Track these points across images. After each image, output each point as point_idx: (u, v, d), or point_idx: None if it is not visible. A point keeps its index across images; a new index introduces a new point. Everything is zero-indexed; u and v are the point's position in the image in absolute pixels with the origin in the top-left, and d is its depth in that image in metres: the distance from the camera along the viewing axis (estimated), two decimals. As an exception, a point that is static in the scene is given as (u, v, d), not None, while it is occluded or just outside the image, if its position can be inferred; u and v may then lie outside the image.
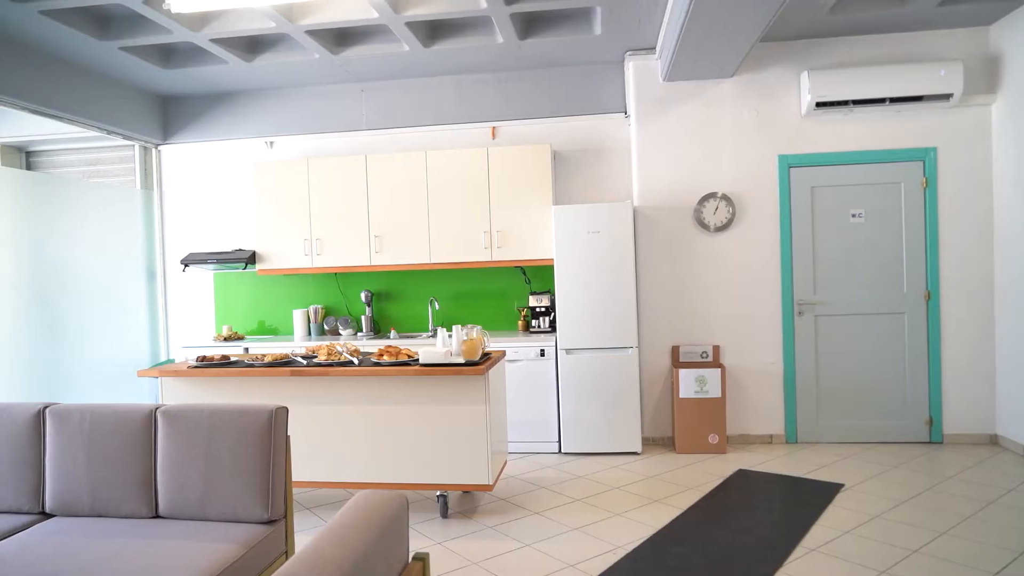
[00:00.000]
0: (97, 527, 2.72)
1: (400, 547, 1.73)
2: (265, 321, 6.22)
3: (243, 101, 6.14)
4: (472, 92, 5.83)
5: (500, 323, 5.84)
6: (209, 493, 2.77)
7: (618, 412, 5.12)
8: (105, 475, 2.85)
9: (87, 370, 5.51)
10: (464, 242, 5.48)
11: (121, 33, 4.77)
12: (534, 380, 5.21)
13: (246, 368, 3.95)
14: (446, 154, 5.51)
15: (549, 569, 3.29)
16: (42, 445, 2.96)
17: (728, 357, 5.36)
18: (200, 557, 2.39)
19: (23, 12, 4.27)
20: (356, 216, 5.61)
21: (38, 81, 4.93)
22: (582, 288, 5.13)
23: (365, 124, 5.97)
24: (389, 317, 6.01)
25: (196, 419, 2.82)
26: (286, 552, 2.84)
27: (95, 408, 2.93)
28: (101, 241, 5.72)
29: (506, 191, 5.42)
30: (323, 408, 3.98)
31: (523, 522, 3.90)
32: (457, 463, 3.87)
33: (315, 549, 1.34)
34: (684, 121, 5.35)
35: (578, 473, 4.76)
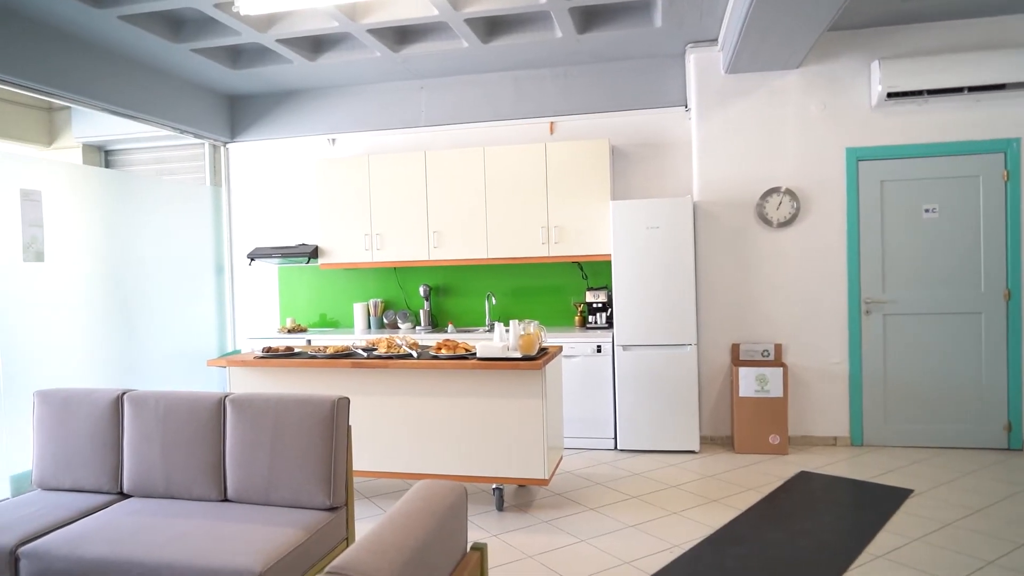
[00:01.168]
0: (171, 508, 2.85)
1: (459, 536, 1.75)
2: (327, 314, 6.37)
3: (306, 100, 6.30)
4: (530, 87, 5.83)
5: (556, 319, 5.84)
6: (274, 479, 2.86)
7: (675, 410, 5.05)
8: (178, 459, 2.98)
9: (160, 358, 5.76)
10: (521, 237, 5.49)
11: (193, 36, 4.95)
12: (590, 376, 5.19)
13: (309, 359, 4.06)
14: (504, 150, 5.53)
15: (604, 565, 3.28)
16: (120, 429, 3.11)
17: (790, 356, 5.22)
18: (266, 540, 2.48)
19: (103, 18, 4.48)
20: (415, 211, 5.69)
21: (117, 84, 5.17)
22: (640, 284, 5.08)
23: (424, 121, 6.05)
24: (446, 311, 6.08)
25: (262, 407, 2.92)
26: (347, 539, 2.91)
27: (169, 395, 3.06)
28: (173, 236, 5.97)
29: (564, 186, 5.41)
30: (382, 399, 4.06)
31: (578, 517, 3.90)
32: (513, 457, 3.90)
33: (377, 535, 1.37)
34: (746, 114, 5.23)
35: (634, 470, 4.73)
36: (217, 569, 2.31)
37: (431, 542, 1.47)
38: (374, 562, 1.26)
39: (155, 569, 2.38)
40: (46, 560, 2.51)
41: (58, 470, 3.14)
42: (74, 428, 3.14)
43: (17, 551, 2.57)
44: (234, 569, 2.30)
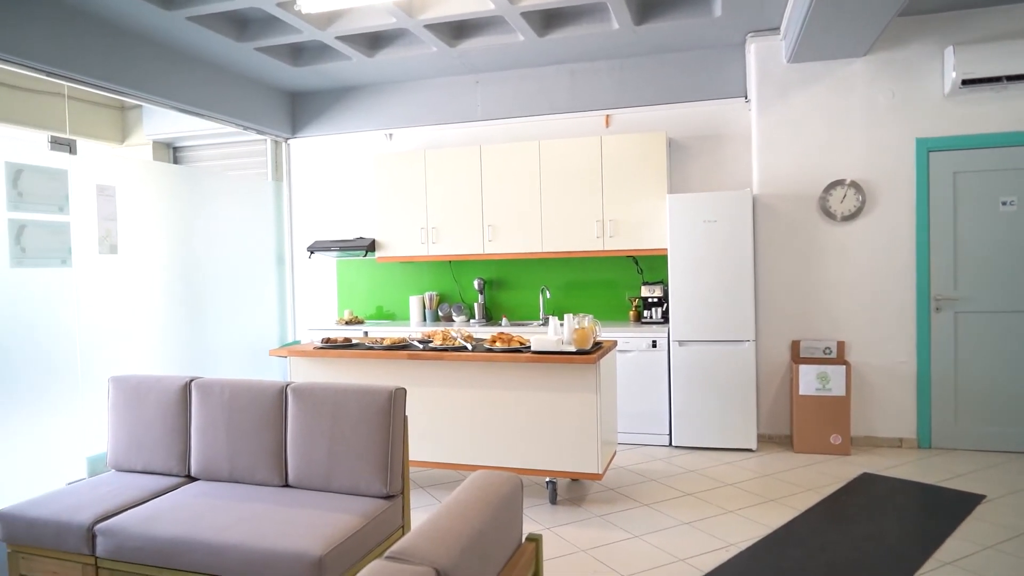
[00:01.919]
0: (235, 491, 2.95)
1: (514, 527, 1.76)
2: (383, 306, 6.48)
3: (364, 95, 6.40)
4: (586, 80, 5.79)
5: (611, 313, 5.80)
6: (333, 466, 2.93)
7: (732, 407, 4.96)
8: (241, 444, 3.08)
9: (224, 347, 5.96)
10: (576, 231, 5.47)
11: (256, 35, 5.09)
12: (645, 371, 5.14)
13: (366, 351, 4.14)
14: (559, 143, 5.51)
15: (658, 562, 3.26)
16: (188, 415, 3.24)
17: (854, 354, 5.06)
18: (326, 524, 2.54)
19: (173, 19, 4.64)
20: (470, 205, 5.72)
21: (185, 82, 5.35)
22: (697, 278, 5.00)
23: (480, 115, 6.07)
24: (500, 305, 6.11)
25: (322, 396, 2.99)
26: (402, 527, 2.96)
27: (234, 383, 3.17)
28: (237, 229, 6.16)
29: (619, 180, 5.36)
30: (437, 391, 4.11)
31: (632, 513, 3.88)
32: (567, 451, 3.89)
33: (434, 523, 1.39)
34: (809, 104, 5.07)
35: (689, 467, 4.67)
36: (279, 552, 2.38)
37: (487, 531, 1.48)
38: (432, 548, 1.28)
39: (220, 550, 2.47)
40: (120, 537, 2.63)
41: (131, 452, 3.29)
42: (145, 413, 3.28)
43: (94, 528, 2.71)
44: (296, 552, 2.36)
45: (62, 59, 4.38)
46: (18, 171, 4.18)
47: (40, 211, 4.30)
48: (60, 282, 4.43)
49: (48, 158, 4.38)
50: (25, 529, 2.81)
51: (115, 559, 2.66)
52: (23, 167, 4.21)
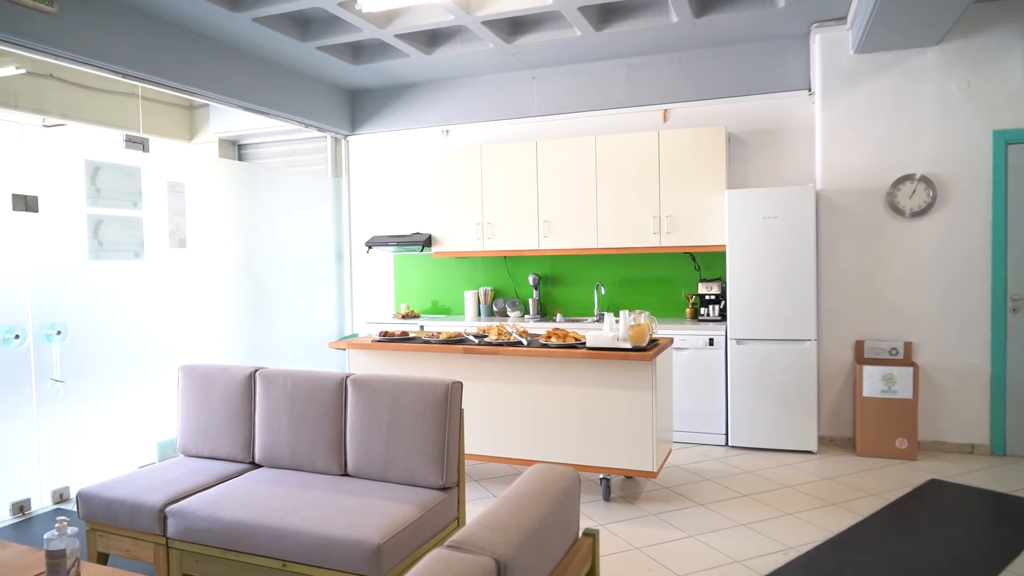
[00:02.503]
0: (296, 479, 3.04)
1: (572, 521, 1.77)
2: (438, 301, 6.56)
3: (421, 92, 6.48)
4: (643, 74, 5.73)
5: (666, 310, 5.73)
6: (390, 457, 2.99)
7: (792, 407, 4.84)
8: (303, 433, 3.17)
9: (284, 339, 6.13)
10: (632, 227, 5.42)
11: (318, 34, 5.21)
12: (701, 369, 5.06)
13: (423, 344, 4.20)
14: (615, 138, 5.47)
15: (714, 562, 3.21)
16: (252, 403, 3.34)
17: (922, 355, 4.88)
18: (384, 513, 2.59)
19: (239, 20, 4.79)
20: (526, 201, 5.74)
21: (250, 82, 5.52)
22: (756, 276, 4.90)
23: (536, 111, 6.07)
24: (555, 300, 6.11)
25: (381, 388, 3.05)
26: (457, 518, 3.00)
27: (296, 373, 3.26)
28: (298, 224, 6.32)
29: (677, 175, 5.29)
30: (492, 385, 4.14)
31: (687, 512, 3.83)
32: (621, 448, 3.87)
33: (494, 514, 1.41)
34: (877, 96, 4.90)
35: (746, 468, 4.58)
36: (339, 539, 2.45)
37: (546, 524, 1.49)
38: (492, 539, 1.29)
39: (283, 535, 2.55)
40: (190, 519, 2.74)
41: (198, 439, 3.42)
42: (212, 401, 3.40)
43: (165, 510, 2.82)
44: (355, 540, 2.42)
45: (138, 61, 4.57)
46: (96, 168, 4.38)
47: (116, 206, 4.51)
48: (133, 274, 4.63)
49: (123, 156, 4.59)
50: (102, 508, 2.95)
51: (184, 540, 2.77)
52: (101, 164, 4.41)
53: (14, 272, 3.93)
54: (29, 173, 4.01)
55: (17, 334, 3.93)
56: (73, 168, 4.25)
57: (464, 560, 1.20)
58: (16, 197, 3.95)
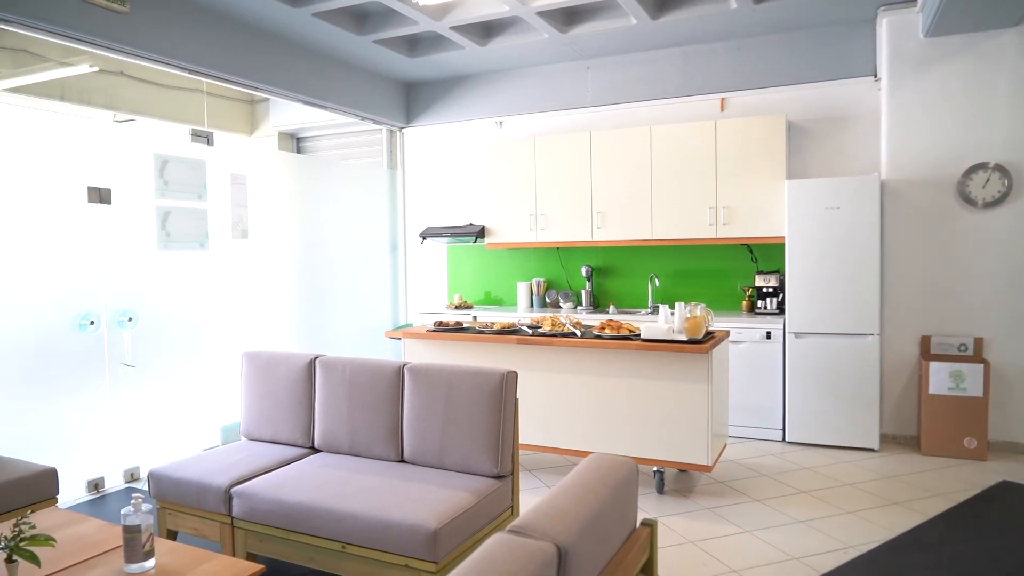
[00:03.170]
0: (354, 464, 3.11)
1: (630, 510, 1.77)
2: (491, 292, 6.60)
3: (475, 84, 6.51)
4: (699, 63, 5.63)
5: (722, 303, 5.63)
6: (446, 444, 3.03)
7: (853, 403, 4.71)
8: (361, 420, 3.24)
9: (340, 328, 6.26)
10: (687, 218, 5.34)
11: (375, 28, 5.28)
12: (758, 363, 4.97)
13: (477, 334, 4.23)
14: (671, 128, 5.39)
15: (771, 559, 3.16)
16: (312, 390, 3.43)
17: (993, 352, 4.68)
18: (440, 500, 2.64)
19: (299, 16, 4.89)
20: (579, 192, 5.71)
21: (309, 76, 5.64)
22: (816, 268, 4.77)
23: (590, 101, 6.03)
24: (608, 292, 6.07)
25: (437, 377, 3.10)
26: (511, 507, 3.03)
27: (354, 361, 3.33)
28: (354, 215, 6.44)
29: (734, 165, 5.18)
30: (545, 376, 4.15)
31: (742, 507, 3.77)
32: (675, 441, 3.83)
33: (554, 501, 1.42)
34: (948, 81, 4.70)
35: (803, 464, 4.48)
36: (397, 523, 2.50)
37: (605, 512, 1.50)
38: (552, 525, 1.31)
39: (342, 517, 2.61)
40: (254, 500, 2.84)
41: (261, 423, 3.53)
42: (274, 387, 3.50)
43: (230, 490, 2.93)
44: (412, 524, 2.47)
45: (204, 58, 4.71)
46: (164, 162, 4.55)
47: (182, 198, 4.67)
48: (198, 264, 4.80)
49: (189, 150, 4.75)
50: (172, 488, 3.08)
51: (248, 520, 2.87)
52: (168, 158, 4.58)
53: (89, 261, 4.11)
54: (102, 167, 4.19)
55: (92, 320, 4.12)
56: (143, 161, 4.42)
57: (526, 545, 1.21)
58: (91, 190, 4.13)
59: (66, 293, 4.00)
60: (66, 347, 4.00)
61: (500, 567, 1.14)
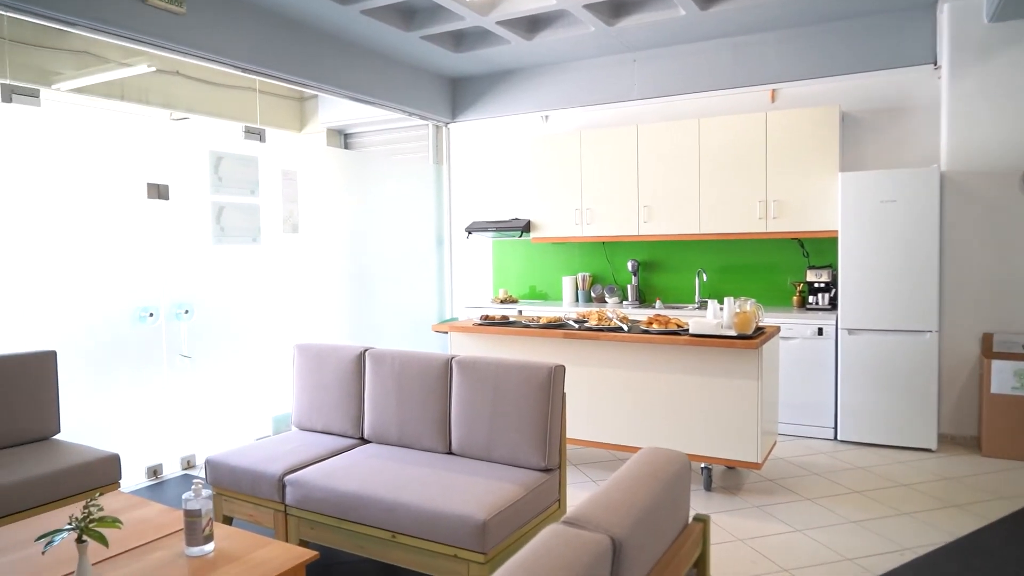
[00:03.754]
0: (404, 455, 3.15)
1: (683, 505, 1.75)
2: (536, 286, 6.60)
3: (521, 78, 6.50)
4: (749, 53, 5.52)
5: (772, 298, 5.53)
6: (493, 437, 3.05)
7: (909, 402, 4.58)
8: (410, 412, 3.28)
9: (387, 321, 6.35)
10: (736, 212, 5.25)
11: (422, 24, 5.32)
12: (809, 360, 4.86)
13: (523, 328, 4.24)
14: (720, 120, 5.30)
15: (823, 559, 3.10)
16: (362, 382, 3.49)
17: (1060, 350, 4.49)
18: (488, 492, 2.65)
19: (348, 13, 4.96)
20: (625, 186, 5.67)
21: (358, 72, 5.71)
22: (871, 263, 4.64)
23: (636, 94, 5.97)
24: (654, 287, 6.01)
25: (485, 370, 3.11)
26: (559, 500, 3.03)
27: (403, 354, 3.38)
28: (401, 210, 6.51)
29: (785, 158, 5.07)
30: (591, 370, 4.14)
31: (793, 506, 3.71)
32: (724, 437, 3.78)
33: (607, 494, 1.42)
34: (1015, 68, 4.51)
35: (856, 464, 4.37)
36: (446, 513, 2.52)
37: (658, 506, 1.49)
38: (606, 517, 1.31)
39: (392, 507, 2.65)
40: (306, 488, 2.90)
41: (312, 414, 3.61)
42: (325, 378, 3.57)
43: (284, 479, 3.00)
44: (461, 515, 2.49)
45: (257, 57, 4.82)
46: (219, 158, 4.67)
47: (236, 194, 4.79)
48: (251, 258, 4.91)
49: (242, 146, 4.86)
50: (228, 475, 3.17)
51: (301, 508, 2.93)
52: (223, 154, 4.70)
53: (149, 255, 4.25)
54: (161, 164, 4.32)
55: (151, 312, 4.26)
56: (199, 158, 4.55)
57: (580, 536, 1.21)
58: (150, 186, 4.27)
59: (128, 286, 4.15)
60: (127, 338, 4.15)
61: (555, 558, 1.14)
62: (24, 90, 3.70)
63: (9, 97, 3.63)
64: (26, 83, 3.79)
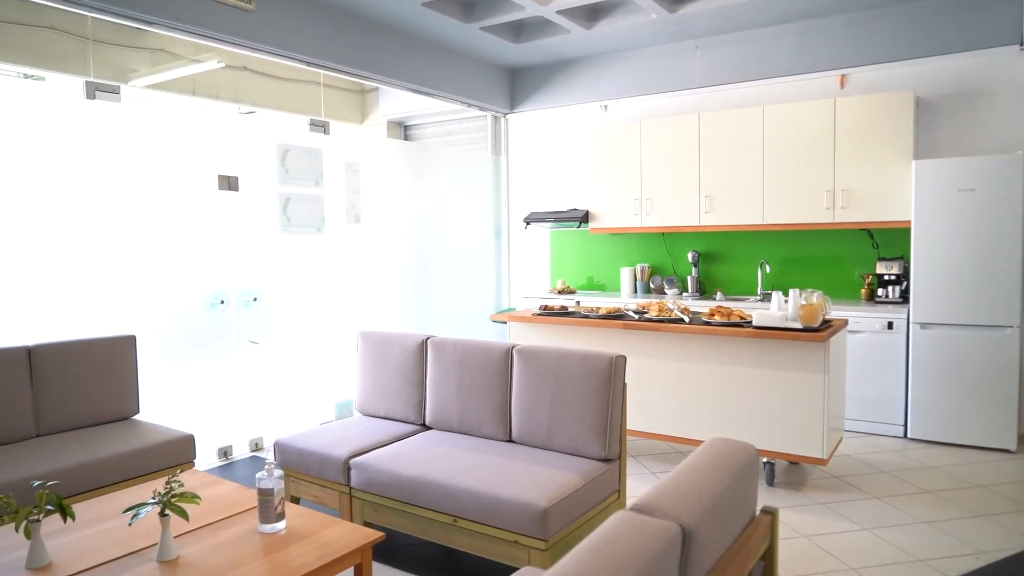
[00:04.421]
0: (464, 442, 3.20)
1: (750, 496, 1.73)
2: (593, 277, 6.57)
3: (580, 68, 6.46)
4: (816, 38, 5.34)
5: (838, 290, 5.36)
6: (553, 426, 3.06)
7: (986, 400, 4.38)
8: (470, 399, 3.32)
9: (446, 310, 6.42)
10: (802, 202, 5.11)
11: (482, 15, 5.34)
12: (878, 355, 4.71)
13: (582, 319, 4.24)
14: (785, 108, 5.16)
15: (892, 559, 3.01)
16: (424, 369, 3.55)
17: None
18: (548, 480, 2.67)
19: (409, 5, 5.01)
20: (686, 176, 5.58)
21: (418, 64, 5.78)
22: (946, 254, 4.46)
23: (698, 82, 5.86)
24: (715, 278, 5.91)
25: (545, 359, 3.13)
26: (618, 490, 3.02)
27: (464, 342, 3.42)
28: (459, 201, 6.57)
29: (854, 146, 4.90)
30: (650, 362, 4.10)
31: (859, 504, 3.60)
32: (788, 432, 3.70)
33: (675, 482, 1.41)
34: (1107, 49, 4.25)
35: (928, 463, 4.22)
36: (508, 500, 2.55)
37: (726, 496, 1.47)
38: (675, 505, 1.30)
39: (455, 492, 2.70)
40: (371, 472, 2.97)
41: (375, 399, 3.69)
42: (387, 365, 3.65)
43: (349, 462, 3.08)
44: (523, 502, 2.52)
45: (322, 51, 4.92)
46: (285, 150, 4.80)
47: (301, 185, 4.92)
48: (315, 247, 5.04)
49: (307, 139, 4.98)
50: (295, 457, 3.27)
51: (365, 490, 3.01)
52: (289, 147, 4.82)
53: (220, 245, 4.41)
54: (230, 156, 4.47)
55: (222, 300, 4.43)
56: (266, 151, 4.68)
57: (650, 523, 1.22)
58: (221, 178, 4.42)
59: (201, 274, 4.32)
60: (201, 324, 4.32)
61: (625, 544, 1.14)
62: (106, 87, 3.88)
63: (93, 94, 3.82)
64: (107, 80, 3.97)
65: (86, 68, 4.45)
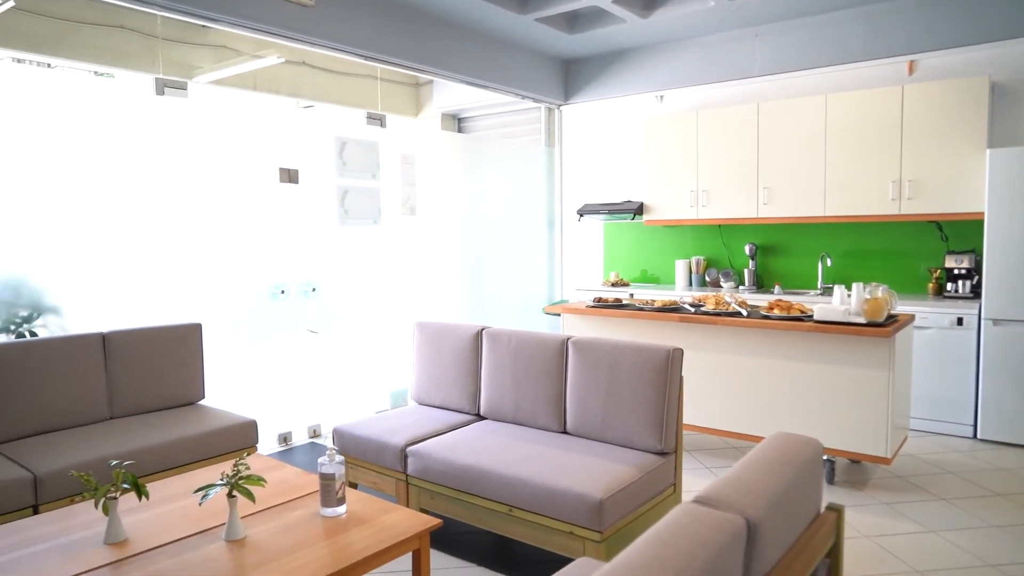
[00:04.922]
0: (519, 432, 3.22)
1: (815, 492, 1.70)
2: (647, 270, 6.50)
3: (635, 58, 6.38)
4: (883, 23, 5.15)
5: (903, 284, 5.18)
6: (608, 418, 3.05)
7: (1063, 401, 4.18)
8: (525, 390, 3.34)
9: (499, 302, 6.45)
10: (866, 193, 4.95)
11: (537, 6, 5.32)
12: (946, 352, 4.53)
13: (637, 311, 4.20)
14: (849, 96, 4.99)
15: (960, 563, 2.90)
16: (479, 359, 3.58)
17: None
18: (603, 472, 2.66)
19: (465, -3, 5.04)
20: (744, 167, 5.46)
21: (472, 57, 5.80)
22: (1022, 248, 4.26)
23: (757, 71, 5.73)
24: (772, 272, 5.78)
25: (600, 351, 3.12)
26: (674, 484, 3.00)
27: (519, 333, 3.43)
28: (513, 193, 6.58)
29: (924, 134, 4.72)
30: (706, 356, 4.04)
31: (925, 505, 3.49)
32: (850, 429, 3.60)
33: (738, 476, 1.40)
34: None
35: (999, 464, 4.05)
36: (563, 491, 2.56)
37: (791, 491, 1.45)
38: (739, 498, 1.28)
39: (510, 481, 2.72)
40: (427, 460, 3.02)
41: (430, 389, 3.74)
42: (443, 355, 3.69)
43: (406, 449, 3.14)
44: (579, 493, 2.52)
45: (379, 45, 4.99)
46: (343, 144, 4.89)
47: (358, 178, 5.00)
48: (372, 239, 5.13)
49: (364, 132, 5.06)
50: (353, 444, 3.35)
51: (421, 478, 3.06)
52: (347, 140, 4.91)
53: (281, 236, 4.53)
54: (290, 149, 4.58)
55: (283, 290, 4.55)
56: (325, 144, 4.78)
57: (714, 515, 1.20)
58: (282, 171, 4.53)
59: (263, 265, 4.44)
60: (262, 314, 4.45)
61: (690, 535, 1.14)
62: (174, 83, 4.01)
63: (162, 90, 3.95)
64: (174, 77, 4.11)
65: (154, 65, 4.61)
